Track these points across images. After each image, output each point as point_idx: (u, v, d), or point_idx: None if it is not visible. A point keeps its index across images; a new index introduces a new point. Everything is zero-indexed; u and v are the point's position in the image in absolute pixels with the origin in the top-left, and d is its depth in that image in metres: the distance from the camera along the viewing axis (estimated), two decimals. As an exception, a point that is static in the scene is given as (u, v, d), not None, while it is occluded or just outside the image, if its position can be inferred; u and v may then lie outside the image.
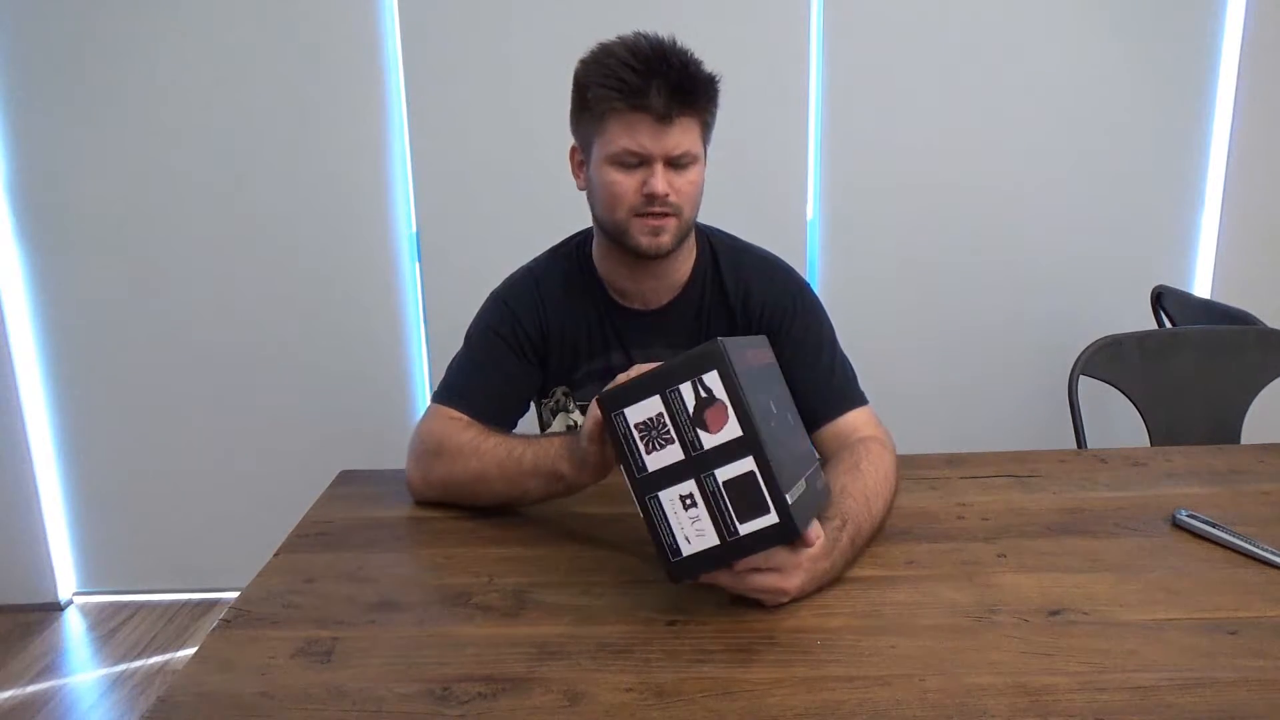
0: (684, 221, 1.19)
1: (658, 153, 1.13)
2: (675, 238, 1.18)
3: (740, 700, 0.80)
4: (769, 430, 0.87)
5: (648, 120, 1.12)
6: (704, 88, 1.15)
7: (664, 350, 1.30)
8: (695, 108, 1.14)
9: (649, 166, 1.14)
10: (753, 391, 0.87)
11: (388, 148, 2.24)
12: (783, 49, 2.18)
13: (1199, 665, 0.83)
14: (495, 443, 1.14)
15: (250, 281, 2.30)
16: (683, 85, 1.11)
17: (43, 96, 2.20)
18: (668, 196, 1.14)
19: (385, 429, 2.30)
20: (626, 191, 1.15)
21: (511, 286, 1.32)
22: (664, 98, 1.10)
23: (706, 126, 1.19)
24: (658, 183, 1.13)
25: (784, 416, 0.96)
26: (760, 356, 0.98)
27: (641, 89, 1.10)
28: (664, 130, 1.12)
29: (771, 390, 0.96)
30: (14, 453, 2.35)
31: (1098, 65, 2.18)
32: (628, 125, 1.13)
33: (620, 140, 1.14)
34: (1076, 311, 2.28)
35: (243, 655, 0.88)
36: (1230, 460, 1.31)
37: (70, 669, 2.21)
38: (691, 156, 1.16)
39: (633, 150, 1.13)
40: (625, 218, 1.17)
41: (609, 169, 1.16)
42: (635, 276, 1.26)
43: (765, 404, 0.90)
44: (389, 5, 2.17)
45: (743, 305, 1.28)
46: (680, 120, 1.13)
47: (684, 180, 1.16)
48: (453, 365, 1.31)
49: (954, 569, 1.01)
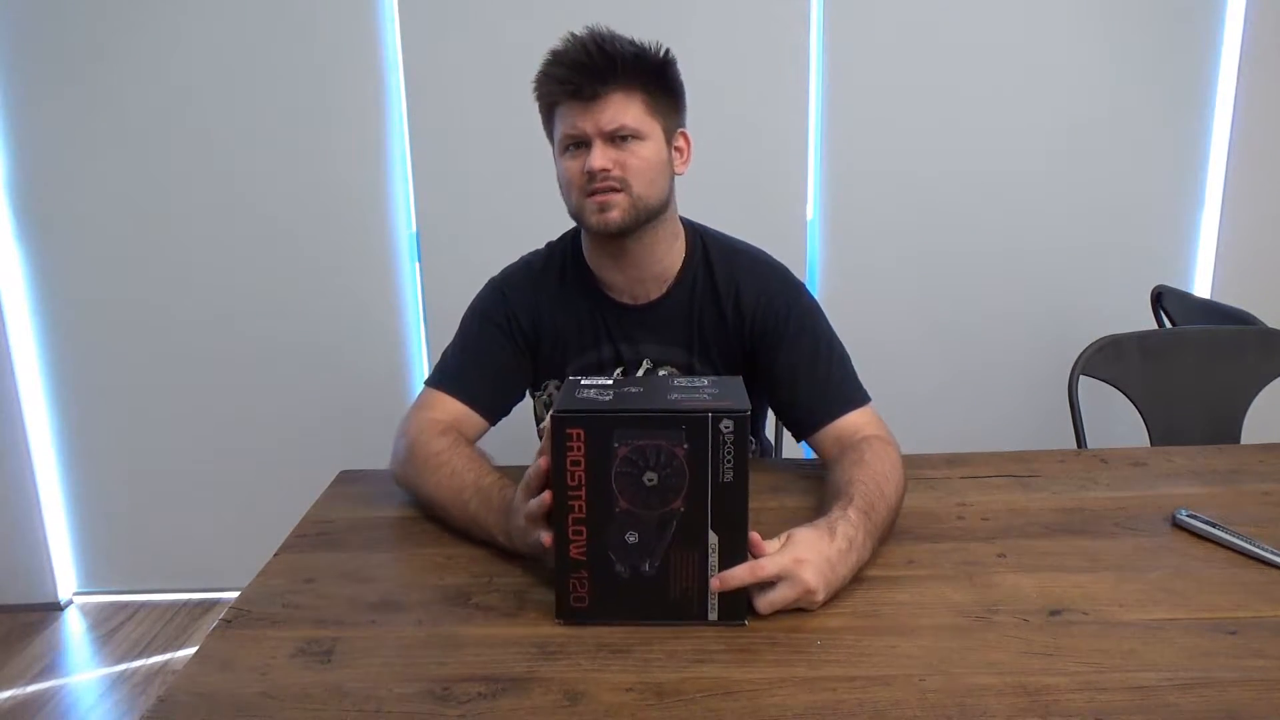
0: (635, 198, 1.18)
1: (591, 130, 1.15)
2: (626, 213, 1.18)
3: (740, 700, 0.80)
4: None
5: (579, 103, 1.15)
6: (631, 61, 1.16)
7: (654, 346, 1.29)
8: (620, 81, 1.15)
9: (589, 148, 1.16)
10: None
11: (388, 148, 2.24)
12: (783, 49, 2.18)
13: (1199, 665, 0.83)
14: (454, 470, 1.13)
15: (250, 281, 2.30)
16: (603, 63, 1.14)
17: (43, 96, 2.20)
18: (609, 170, 1.15)
19: (385, 429, 2.27)
20: (574, 174, 1.18)
21: (509, 276, 1.34)
22: (586, 77, 1.14)
23: (654, 103, 1.19)
24: (593, 158, 1.15)
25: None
26: None
27: (568, 77, 1.15)
28: (594, 107, 1.15)
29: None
30: (14, 453, 2.35)
31: (1098, 65, 2.18)
32: (564, 113, 1.17)
33: (561, 128, 1.18)
34: (1076, 311, 2.28)
35: (243, 655, 0.88)
36: (1230, 460, 1.31)
37: (70, 669, 2.21)
38: (632, 130, 1.16)
39: (570, 134, 1.17)
40: (578, 200, 1.19)
41: (561, 159, 1.20)
42: (618, 265, 1.26)
43: None
44: (389, 5, 2.17)
45: (735, 306, 1.27)
46: (610, 96, 1.15)
47: (628, 155, 1.17)
48: (447, 350, 1.32)
49: (954, 569, 1.01)
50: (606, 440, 0.87)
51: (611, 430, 0.87)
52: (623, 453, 0.87)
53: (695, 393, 0.91)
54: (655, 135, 1.19)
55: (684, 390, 0.91)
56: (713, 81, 1.99)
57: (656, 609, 0.91)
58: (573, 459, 0.87)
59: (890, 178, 2.24)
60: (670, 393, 0.91)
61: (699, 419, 0.86)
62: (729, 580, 0.89)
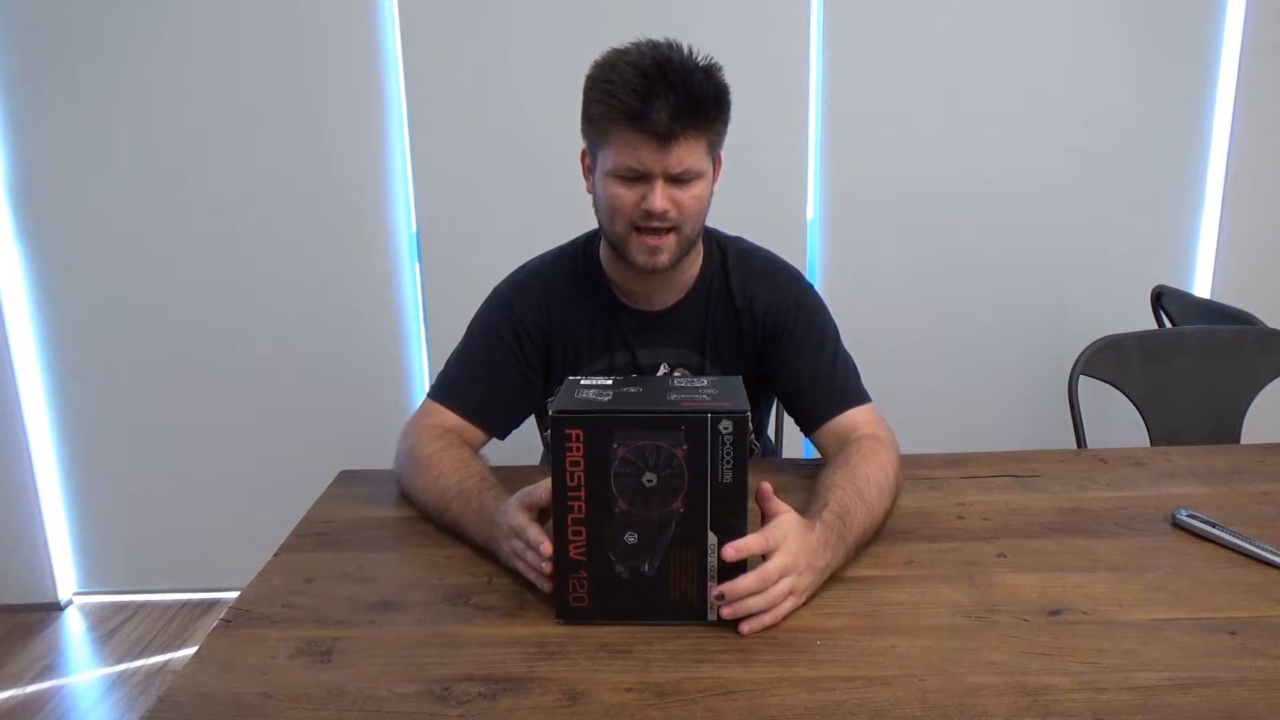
0: (684, 237, 1.17)
1: (658, 171, 1.11)
2: (674, 255, 1.17)
3: (740, 700, 0.80)
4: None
5: (650, 140, 1.09)
6: (710, 105, 1.11)
7: (668, 350, 1.30)
8: (699, 126, 1.11)
9: (649, 182, 1.12)
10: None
11: (388, 148, 2.24)
12: (783, 49, 2.18)
13: (1199, 665, 0.83)
14: (440, 472, 1.13)
15: (250, 281, 2.30)
16: (686, 105, 1.08)
17: (43, 97, 2.20)
18: (667, 213, 1.13)
19: (385, 429, 2.27)
20: (625, 205, 1.14)
21: (516, 284, 1.32)
22: (666, 118, 1.07)
23: (714, 142, 1.16)
24: (656, 200, 1.12)
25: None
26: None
27: (641, 112, 1.07)
28: (666, 149, 1.09)
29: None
30: (14, 453, 2.34)
31: (1098, 65, 2.18)
32: (629, 143, 1.10)
33: (621, 157, 1.11)
34: (1076, 311, 2.28)
35: (243, 655, 0.88)
36: (1230, 460, 1.31)
37: (70, 669, 2.21)
38: (695, 173, 1.13)
39: (633, 167, 1.12)
40: (624, 231, 1.16)
41: (611, 181, 1.15)
42: (641, 279, 1.25)
43: None
44: (389, 6, 2.17)
45: (749, 308, 1.28)
46: (684, 139, 1.10)
47: (687, 195, 1.14)
48: (451, 358, 1.31)
49: (954, 569, 1.01)
50: (606, 441, 0.87)
51: (611, 431, 0.87)
52: (622, 453, 0.87)
53: (695, 393, 0.91)
54: (710, 172, 1.17)
55: (683, 391, 0.92)
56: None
57: (656, 609, 0.91)
58: (572, 459, 0.87)
59: (890, 178, 2.24)
60: (669, 393, 0.91)
61: (698, 419, 0.86)
62: (737, 590, 0.88)
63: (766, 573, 0.89)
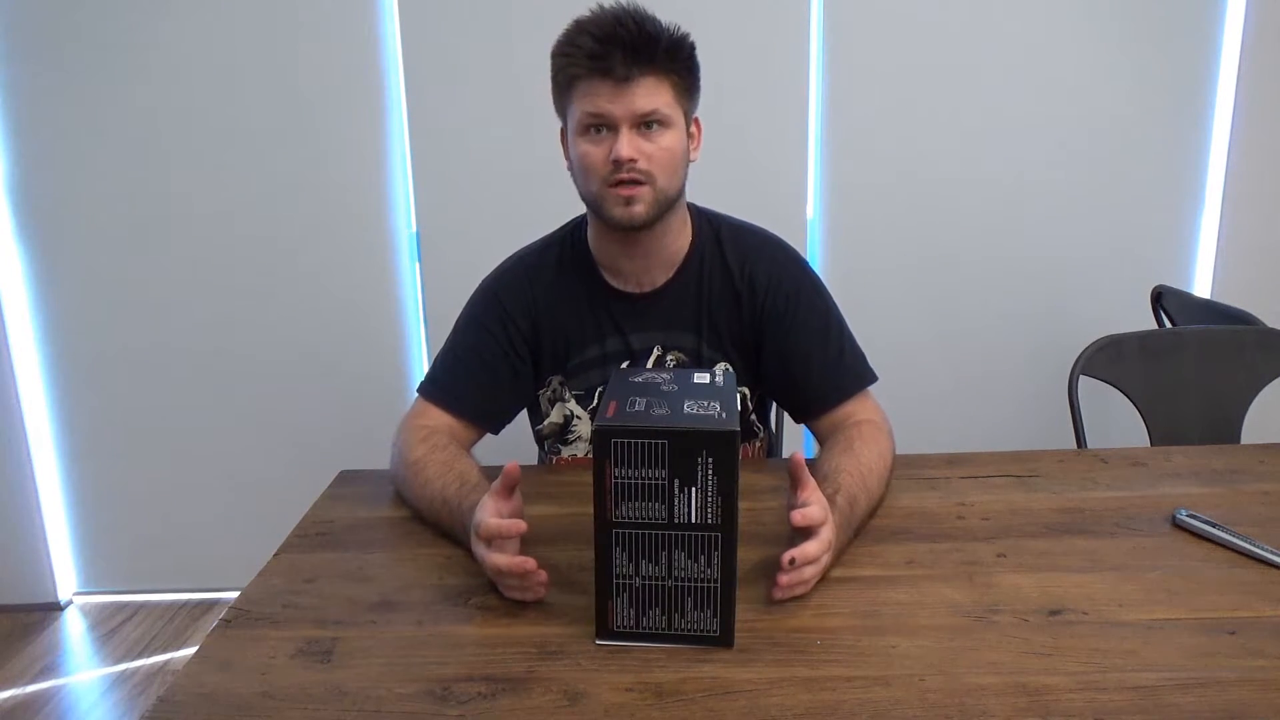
0: (659, 190, 1.15)
1: (621, 114, 1.11)
2: (650, 207, 1.16)
3: (740, 700, 0.80)
4: None
5: (608, 83, 1.10)
6: (667, 44, 1.12)
7: (660, 334, 1.28)
8: (657, 65, 1.11)
9: (616, 133, 1.12)
10: None
11: (388, 148, 2.24)
12: (783, 49, 2.18)
13: (1199, 665, 0.83)
14: (426, 479, 1.13)
15: (250, 281, 2.30)
16: (641, 44, 1.10)
17: (43, 97, 2.20)
18: (635, 162, 1.12)
19: (385, 429, 2.27)
20: (596, 161, 1.14)
21: (501, 276, 1.31)
22: (621, 57, 1.09)
23: (681, 89, 1.16)
24: (622, 146, 1.11)
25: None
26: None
27: (599, 53, 1.09)
28: (625, 90, 1.10)
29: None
30: (14, 453, 2.35)
31: (1098, 65, 2.18)
32: (590, 90, 1.12)
33: (583, 105, 1.12)
34: (1076, 311, 2.28)
35: (243, 655, 0.88)
36: (1230, 460, 1.31)
37: (70, 669, 2.21)
38: (661, 117, 1.13)
39: (596, 113, 1.12)
40: (599, 189, 1.15)
41: (580, 141, 1.15)
42: (628, 254, 1.24)
43: None
44: (389, 5, 2.17)
45: (748, 285, 1.26)
46: (643, 80, 1.11)
47: (655, 146, 1.13)
48: (439, 356, 1.30)
49: (954, 569, 1.01)
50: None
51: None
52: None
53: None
54: (679, 123, 1.16)
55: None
56: (713, 81, 1.98)
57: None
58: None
59: (890, 178, 2.24)
60: (683, 404, 0.88)
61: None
62: (807, 553, 0.91)
63: (826, 541, 0.92)
